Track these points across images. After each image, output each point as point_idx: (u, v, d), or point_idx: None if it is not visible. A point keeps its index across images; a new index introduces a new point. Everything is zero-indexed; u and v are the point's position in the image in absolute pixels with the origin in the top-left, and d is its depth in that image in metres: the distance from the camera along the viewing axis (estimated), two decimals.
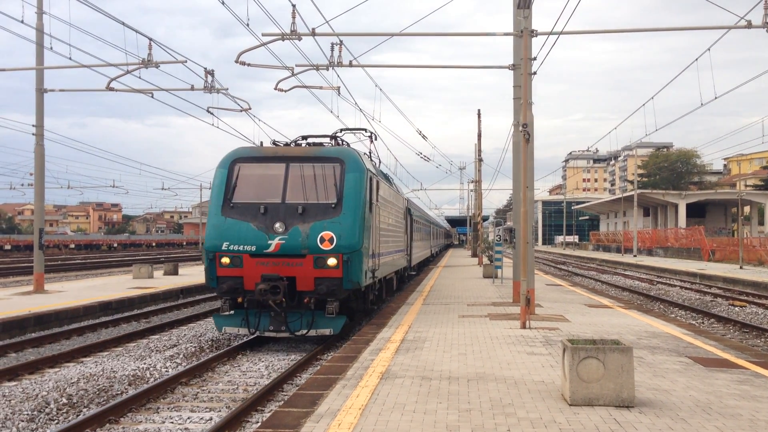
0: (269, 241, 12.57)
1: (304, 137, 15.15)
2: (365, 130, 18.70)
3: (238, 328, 13.06)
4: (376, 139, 19.14)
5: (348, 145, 15.86)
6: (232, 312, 13.12)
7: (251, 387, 10.40)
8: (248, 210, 12.95)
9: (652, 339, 11.70)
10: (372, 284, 15.06)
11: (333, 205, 12.81)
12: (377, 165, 19.16)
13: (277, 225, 12.66)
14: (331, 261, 12.47)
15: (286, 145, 14.64)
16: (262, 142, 14.81)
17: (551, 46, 17.64)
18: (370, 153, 18.46)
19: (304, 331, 12.80)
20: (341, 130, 17.32)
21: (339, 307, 12.76)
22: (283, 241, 12.54)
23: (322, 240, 12.50)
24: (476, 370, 8.90)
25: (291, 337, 13.58)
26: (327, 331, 12.82)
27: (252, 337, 13.98)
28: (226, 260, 12.72)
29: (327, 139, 15.35)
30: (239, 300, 12.77)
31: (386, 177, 19.84)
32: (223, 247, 12.74)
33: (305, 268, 12.51)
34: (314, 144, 14.74)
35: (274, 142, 14.84)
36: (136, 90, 21.25)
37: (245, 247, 12.65)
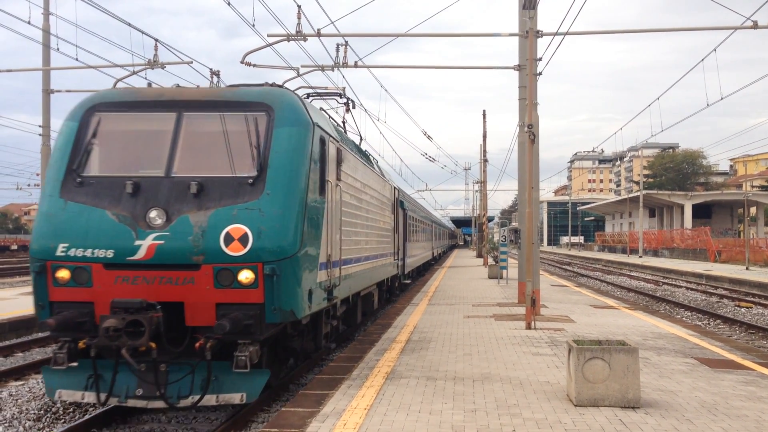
0: (137, 241, 7.62)
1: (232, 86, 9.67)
2: (339, 94, 14.33)
3: (82, 392, 7.80)
4: (354, 107, 15.19)
5: (325, 112, 11.99)
6: (74, 363, 7.73)
7: None
8: (105, 189, 8.03)
9: (657, 340, 11.68)
10: (328, 309, 10.51)
11: (251, 181, 7.94)
12: (359, 142, 15.56)
13: (154, 214, 7.73)
14: (245, 275, 7.60)
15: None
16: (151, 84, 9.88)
17: (557, 46, 17.63)
18: (344, 123, 14.66)
19: (195, 399, 7.66)
20: (307, 95, 13.23)
21: (259, 353, 7.86)
22: (162, 241, 7.61)
23: (229, 239, 7.63)
24: (481, 371, 8.90)
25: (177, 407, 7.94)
26: (236, 398, 7.71)
27: (108, 407, 8.39)
28: (63, 274, 7.77)
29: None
30: (81, 344, 7.58)
31: (364, 153, 15.31)
32: (59, 252, 7.77)
33: (199, 287, 7.58)
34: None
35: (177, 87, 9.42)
36: None
37: (96, 251, 7.70)
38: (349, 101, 14.82)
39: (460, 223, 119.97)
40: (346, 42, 17.14)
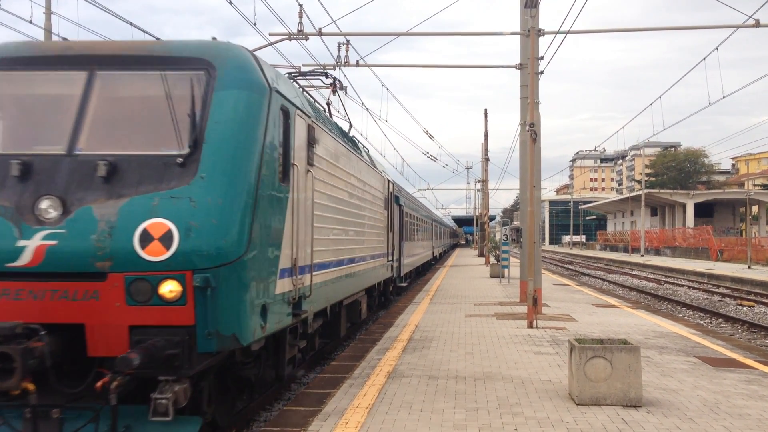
0: (21, 242, 5.80)
1: None
2: (325, 73, 13.06)
3: None
4: (341, 89, 13.59)
5: (308, 95, 10.76)
6: None
7: None
8: None
9: (659, 339, 11.67)
10: (296, 327, 8.25)
11: (180, 160, 6.09)
12: (348, 129, 13.84)
13: (46, 204, 5.91)
14: (168, 287, 5.78)
15: None
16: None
17: (558, 45, 17.67)
18: (328, 106, 13.01)
19: None
20: (289, 74, 11.67)
21: (189, 392, 5.88)
22: (55, 241, 5.79)
23: (147, 238, 5.82)
24: (483, 370, 8.90)
25: None
26: None
27: None
28: None
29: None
30: None
31: (351, 139, 13.30)
32: None
33: (105, 304, 5.77)
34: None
35: None
36: None
37: None
38: (336, 81, 13.16)
39: (462, 222, 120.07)
40: (348, 41, 17.17)
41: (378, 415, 6.73)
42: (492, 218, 73.07)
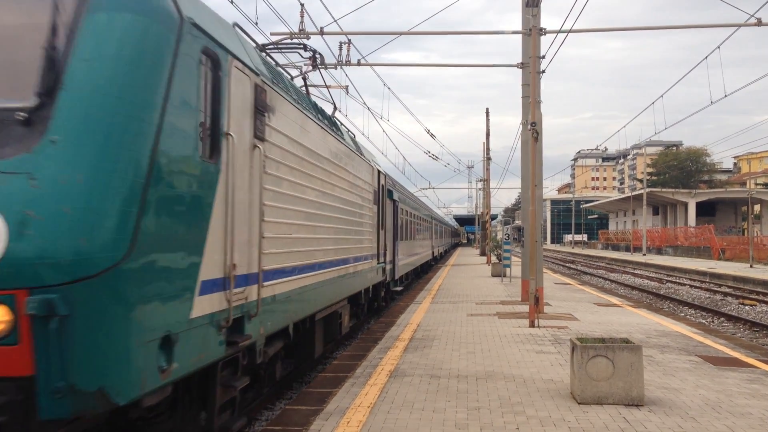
0: None
1: None
2: (303, 46, 11.60)
3: None
4: (321, 63, 12.13)
5: (282, 68, 9.68)
6: None
7: None
8: None
9: (661, 338, 11.66)
10: (234, 359, 6.32)
11: (22, 115, 4.11)
12: (332, 112, 12.31)
13: None
14: None
15: None
16: None
17: (560, 44, 17.66)
18: (304, 79, 11.48)
19: None
20: (259, 46, 9.79)
21: None
22: None
23: None
24: (485, 369, 8.89)
25: None
26: None
27: None
28: None
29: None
30: None
31: (330, 119, 11.10)
32: None
33: None
34: None
35: None
36: None
37: None
38: (317, 54, 11.55)
39: (464, 221, 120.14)
40: (349, 40, 17.17)
41: (380, 414, 6.72)
42: (494, 217, 73.07)
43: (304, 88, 11.11)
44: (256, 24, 16.18)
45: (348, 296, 11.98)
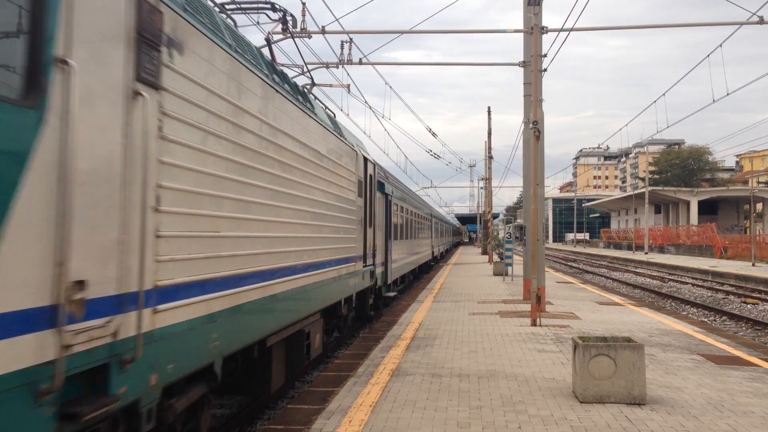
0: None
1: None
2: (272, 5, 9.88)
3: None
4: (294, 26, 10.94)
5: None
6: None
7: None
8: None
9: (663, 336, 11.66)
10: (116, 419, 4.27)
11: None
12: (310, 87, 11.43)
13: None
14: None
15: None
16: None
17: (562, 42, 17.63)
18: (269, 42, 9.97)
19: None
20: (215, 5, 7.99)
21: None
22: None
23: None
24: (487, 368, 8.89)
25: None
26: None
27: None
28: None
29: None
30: None
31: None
32: None
33: None
34: None
35: None
36: None
37: None
38: (287, 15, 10.15)
39: (465, 220, 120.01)
40: (351, 39, 17.16)
41: (382, 413, 6.73)
42: (495, 216, 73.03)
43: (270, 55, 9.62)
44: (258, 24, 16.18)
45: (320, 309, 9.90)
